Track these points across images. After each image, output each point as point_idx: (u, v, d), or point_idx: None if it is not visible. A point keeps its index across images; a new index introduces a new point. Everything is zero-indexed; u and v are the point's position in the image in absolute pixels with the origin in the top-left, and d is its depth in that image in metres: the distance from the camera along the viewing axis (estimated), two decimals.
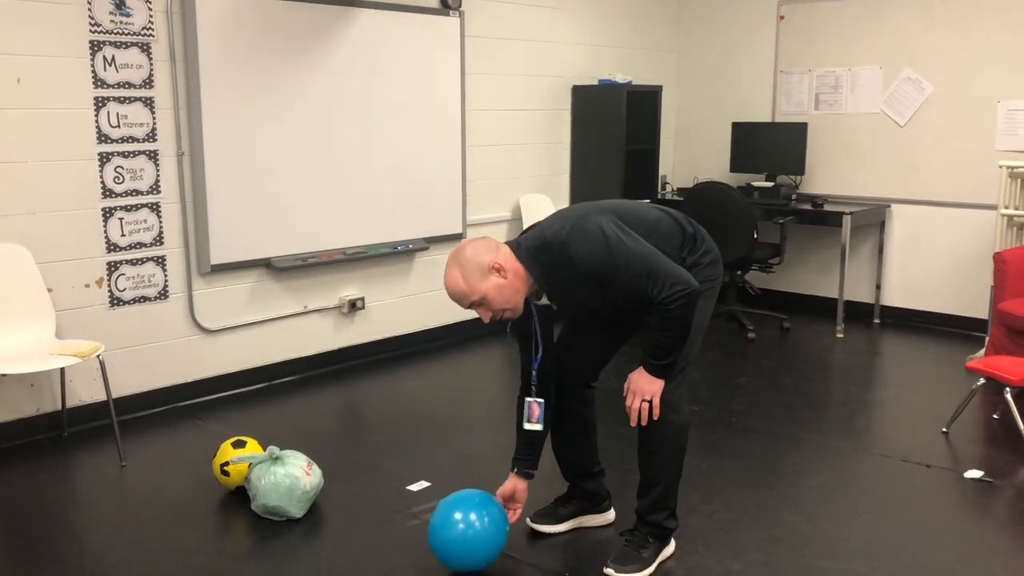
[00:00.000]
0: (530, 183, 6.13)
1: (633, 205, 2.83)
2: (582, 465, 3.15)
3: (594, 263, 2.58)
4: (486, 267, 2.61)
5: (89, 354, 3.70)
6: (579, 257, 2.59)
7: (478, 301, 2.62)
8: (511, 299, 2.65)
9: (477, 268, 2.60)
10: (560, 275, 2.65)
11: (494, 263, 2.62)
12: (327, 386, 4.82)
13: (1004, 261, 4.86)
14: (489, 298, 2.61)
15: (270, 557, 2.98)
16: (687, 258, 2.80)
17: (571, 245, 2.60)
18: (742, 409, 4.43)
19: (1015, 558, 2.99)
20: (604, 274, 2.59)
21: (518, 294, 2.66)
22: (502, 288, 2.62)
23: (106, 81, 4.05)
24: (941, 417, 4.28)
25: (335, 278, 5.08)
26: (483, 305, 2.63)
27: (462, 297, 2.62)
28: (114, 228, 4.16)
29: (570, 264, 2.61)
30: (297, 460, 3.30)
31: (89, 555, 2.99)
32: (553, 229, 2.67)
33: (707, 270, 2.83)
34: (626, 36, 6.67)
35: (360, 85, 4.97)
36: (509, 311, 2.67)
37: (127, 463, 3.76)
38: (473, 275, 2.60)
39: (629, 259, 2.57)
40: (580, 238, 2.60)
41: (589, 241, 2.59)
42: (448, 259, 2.66)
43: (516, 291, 2.65)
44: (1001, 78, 5.68)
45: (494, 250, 2.66)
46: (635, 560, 2.85)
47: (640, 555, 2.86)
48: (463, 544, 2.78)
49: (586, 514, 3.19)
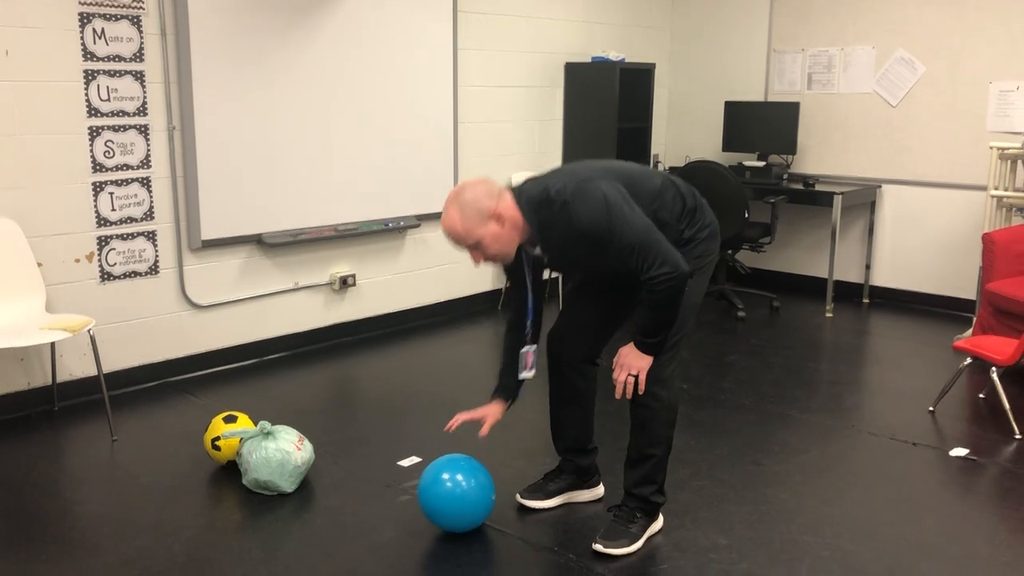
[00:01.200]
0: (522, 160, 6.12)
1: (639, 172, 2.81)
2: (577, 441, 3.16)
3: (592, 227, 2.58)
4: (486, 213, 2.59)
5: (79, 328, 3.69)
6: (578, 219, 2.59)
7: (472, 245, 2.62)
8: (505, 248, 2.66)
9: (476, 213, 2.59)
10: (557, 232, 2.66)
11: (495, 211, 2.60)
12: (318, 362, 4.82)
13: (993, 242, 4.89)
14: (484, 244, 2.62)
15: (261, 531, 3.00)
16: (685, 231, 2.80)
17: (572, 205, 2.59)
18: (731, 387, 4.45)
19: (997, 534, 3.03)
20: (600, 239, 2.59)
21: (513, 244, 2.68)
22: (499, 236, 2.63)
23: (96, 54, 4.02)
24: (928, 396, 4.32)
25: (326, 255, 5.07)
26: (477, 249, 2.64)
27: (457, 239, 2.62)
28: (104, 203, 4.15)
29: (568, 223, 2.61)
30: (288, 435, 3.31)
31: (80, 529, 3.00)
32: (557, 186, 2.66)
33: (704, 244, 2.84)
34: (620, 13, 6.65)
35: (352, 60, 4.95)
36: (500, 257, 2.69)
37: (118, 437, 3.76)
38: (471, 219, 2.59)
39: (624, 230, 2.57)
40: (582, 200, 2.59)
41: (590, 205, 2.58)
42: (448, 198, 2.63)
43: (511, 241, 2.66)
44: (993, 59, 5.69)
45: (495, 196, 2.63)
46: (623, 535, 2.88)
47: (628, 530, 2.89)
48: (453, 499, 2.87)
49: (576, 489, 3.22)
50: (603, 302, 3.02)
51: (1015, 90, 5.63)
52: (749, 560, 2.84)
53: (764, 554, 2.88)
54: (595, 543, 2.87)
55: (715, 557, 2.86)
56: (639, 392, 2.76)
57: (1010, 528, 3.08)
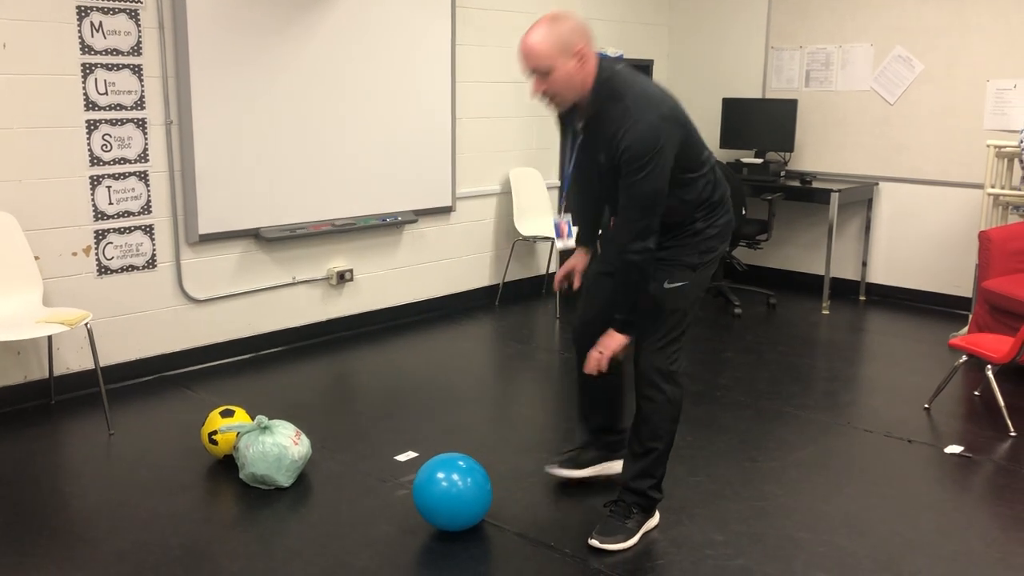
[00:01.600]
0: (520, 156, 6.12)
1: (698, 138, 2.80)
2: (606, 425, 3.21)
3: (628, 147, 2.56)
4: (572, 48, 2.55)
5: (77, 322, 3.69)
6: (627, 132, 2.56)
7: (543, 70, 2.57)
8: (568, 92, 2.62)
9: (564, 43, 2.55)
10: (603, 123, 2.63)
11: (581, 50, 2.57)
12: (315, 357, 4.83)
13: (989, 240, 4.90)
14: (554, 77, 2.57)
15: (258, 525, 3.01)
16: (697, 222, 2.80)
17: (635, 115, 2.56)
18: (728, 383, 4.46)
19: (991, 531, 3.05)
20: (624, 164, 2.58)
21: (575, 93, 2.63)
22: (571, 77, 2.59)
23: (93, 48, 4.01)
24: (923, 393, 4.33)
25: (324, 249, 5.07)
26: (543, 78, 2.59)
27: (532, 59, 2.57)
28: (102, 196, 4.14)
29: (616, 127, 2.58)
30: (285, 430, 3.31)
31: (77, 523, 3.01)
32: (644, 92, 2.62)
33: (710, 242, 2.83)
34: (618, 9, 6.64)
35: (351, 55, 4.94)
36: (557, 99, 2.65)
37: (115, 431, 3.77)
38: (556, 46, 2.54)
39: (645, 180, 2.57)
40: (643, 124, 2.56)
41: (644, 135, 2.55)
42: (545, 17, 2.58)
43: (574, 89, 2.62)
44: (991, 57, 5.70)
45: (587, 40, 2.59)
46: (619, 531, 2.89)
47: (624, 525, 2.90)
48: (449, 500, 2.87)
49: (607, 461, 3.24)
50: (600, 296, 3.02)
51: (1012, 88, 5.64)
52: (745, 556, 2.85)
53: (760, 550, 2.89)
54: (591, 538, 2.88)
55: (711, 553, 2.87)
56: (601, 370, 2.75)
57: (1004, 525, 3.09)
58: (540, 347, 5.09)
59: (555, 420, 4.02)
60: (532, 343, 5.16)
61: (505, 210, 6.05)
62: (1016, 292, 4.54)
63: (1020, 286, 4.60)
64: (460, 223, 5.79)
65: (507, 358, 4.93)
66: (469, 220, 5.85)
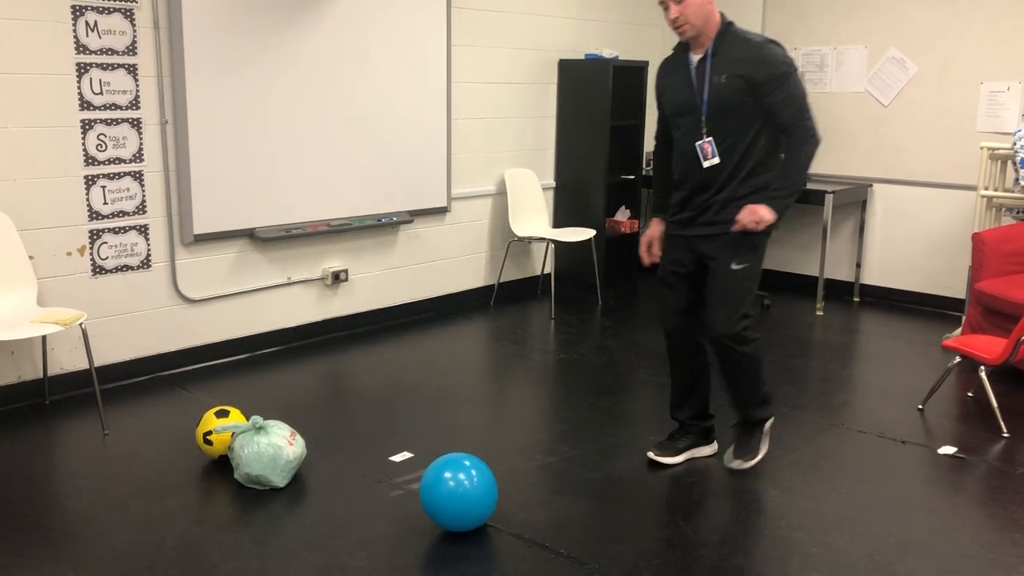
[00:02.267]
0: (515, 157, 6.12)
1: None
2: (697, 414, 3.59)
3: (774, 64, 3.14)
4: None
5: (71, 322, 3.69)
6: (768, 52, 3.16)
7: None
8: (696, 19, 3.17)
9: None
10: (734, 56, 3.18)
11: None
12: (310, 357, 4.82)
13: (982, 241, 4.92)
14: (688, 2, 3.14)
15: (252, 525, 3.01)
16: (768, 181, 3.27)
17: (767, 45, 3.19)
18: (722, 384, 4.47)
19: (985, 531, 3.06)
20: (767, 81, 3.14)
21: (700, 22, 3.18)
22: (702, 6, 3.16)
23: (88, 47, 4.01)
24: (917, 394, 4.34)
25: (319, 250, 5.07)
26: (679, 4, 3.14)
27: None
28: (96, 196, 4.14)
29: (754, 53, 3.17)
30: (280, 430, 3.31)
31: (72, 523, 3.00)
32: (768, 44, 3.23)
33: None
34: (613, 10, 6.65)
35: (346, 55, 4.94)
36: (687, 27, 3.18)
37: (109, 432, 3.76)
38: None
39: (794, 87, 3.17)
40: (778, 48, 3.21)
41: (781, 55, 3.18)
42: None
43: (701, 19, 3.18)
44: (984, 60, 5.72)
45: None
46: (747, 450, 3.46)
47: (750, 442, 3.47)
48: (456, 498, 2.89)
49: (698, 446, 3.61)
50: (689, 283, 3.43)
51: (1005, 91, 5.66)
52: (740, 556, 2.86)
53: (754, 550, 2.90)
54: (731, 463, 3.46)
55: (706, 553, 2.88)
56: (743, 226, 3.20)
57: (997, 526, 3.10)
58: (535, 348, 5.10)
59: (550, 421, 4.02)
60: (527, 344, 5.16)
61: (500, 211, 6.06)
62: (1009, 294, 4.56)
63: (1013, 288, 4.61)
64: (455, 224, 5.80)
65: (502, 359, 4.94)
66: (464, 221, 5.86)
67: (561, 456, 3.59)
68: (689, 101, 3.28)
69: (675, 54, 3.38)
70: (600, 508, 3.16)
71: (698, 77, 3.24)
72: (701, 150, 3.26)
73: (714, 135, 3.24)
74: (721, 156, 3.24)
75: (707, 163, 3.25)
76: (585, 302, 6.07)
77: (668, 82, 3.39)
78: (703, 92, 3.23)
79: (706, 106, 3.23)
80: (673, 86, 3.35)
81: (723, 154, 3.24)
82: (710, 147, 3.25)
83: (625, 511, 3.15)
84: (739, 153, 3.24)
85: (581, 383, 4.49)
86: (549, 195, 6.40)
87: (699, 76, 3.24)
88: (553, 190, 6.43)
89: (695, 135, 3.28)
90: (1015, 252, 4.92)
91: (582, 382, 4.51)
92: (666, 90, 3.40)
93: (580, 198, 6.32)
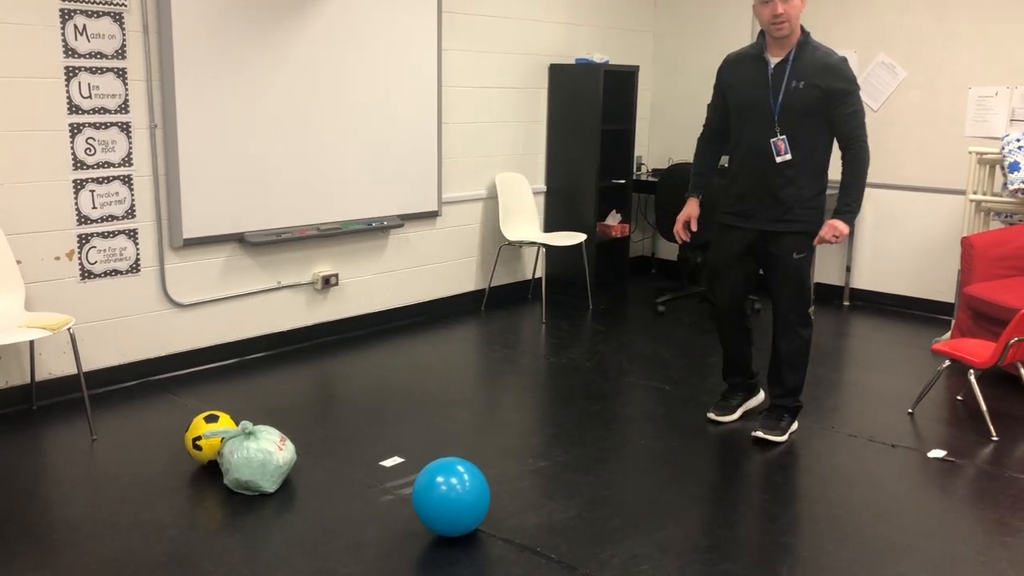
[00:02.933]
0: (506, 161, 6.13)
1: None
2: (745, 377, 4.08)
3: (844, 78, 3.51)
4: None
5: (59, 327, 3.67)
6: (839, 66, 3.51)
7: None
8: (794, 20, 3.50)
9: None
10: (812, 65, 3.52)
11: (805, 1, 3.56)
12: (300, 362, 4.81)
13: (971, 246, 4.94)
14: (792, 3, 3.45)
15: (242, 531, 2.99)
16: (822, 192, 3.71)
17: (839, 59, 3.54)
18: (712, 388, 4.47)
19: (975, 534, 3.07)
20: (838, 92, 3.50)
21: (794, 23, 3.52)
22: (799, 9, 3.50)
23: (77, 51, 3.99)
24: (907, 398, 4.36)
25: (309, 254, 5.06)
26: (787, 2, 3.44)
27: None
28: (85, 200, 4.12)
29: (828, 64, 3.51)
30: (270, 435, 3.30)
31: (60, 529, 2.98)
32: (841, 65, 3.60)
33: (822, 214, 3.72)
34: (603, 15, 6.66)
35: (336, 59, 4.93)
36: (786, 25, 3.49)
37: (98, 437, 3.74)
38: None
39: (858, 102, 3.57)
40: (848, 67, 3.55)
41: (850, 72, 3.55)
42: None
43: (796, 21, 3.52)
44: (972, 65, 5.75)
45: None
46: (776, 428, 3.79)
47: (779, 424, 3.81)
48: (449, 503, 2.88)
49: (749, 400, 4.12)
50: (740, 269, 3.85)
51: (993, 96, 5.69)
52: (730, 561, 2.86)
53: (745, 555, 2.90)
54: (755, 431, 3.79)
55: (696, 558, 2.88)
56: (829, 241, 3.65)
57: (987, 529, 3.11)
58: (526, 352, 5.09)
59: (541, 425, 4.02)
60: (518, 348, 5.16)
61: (491, 215, 6.05)
62: (998, 297, 4.58)
63: (1002, 291, 4.63)
64: (446, 228, 5.79)
65: (493, 363, 4.93)
66: (455, 225, 5.85)
67: (552, 460, 3.59)
68: (763, 99, 3.58)
69: (746, 53, 3.70)
70: (591, 512, 3.16)
71: (775, 78, 3.56)
72: (775, 147, 3.57)
73: (785, 135, 3.57)
74: (791, 154, 3.58)
75: (780, 159, 3.58)
76: (576, 306, 6.07)
77: (740, 79, 3.67)
78: (779, 93, 3.55)
79: (780, 107, 3.55)
80: (746, 83, 3.64)
81: (792, 153, 3.57)
82: (783, 144, 3.57)
83: (616, 515, 3.14)
84: (806, 155, 3.59)
85: (572, 387, 4.49)
86: (540, 199, 6.40)
87: (776, 77, 3.56)
88: (544, 194, 6.43)
89: (768, 132, 3.59)
90: (1004, 256, 4.94)
91: (573, 386, 4.51)
92: (738, 86, 3.68)
93: (571, 202, 6.33)
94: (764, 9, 3.50)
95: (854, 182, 3.60)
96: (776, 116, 3.55)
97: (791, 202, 3.64)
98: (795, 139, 3.58)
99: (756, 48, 3.66)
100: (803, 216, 3.66)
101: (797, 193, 3.63)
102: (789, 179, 3.62)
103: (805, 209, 3.66)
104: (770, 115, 3.57)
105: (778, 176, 3.62)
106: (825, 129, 3.60)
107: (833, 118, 3.56)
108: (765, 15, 3.50)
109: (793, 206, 3.64)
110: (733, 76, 3.73)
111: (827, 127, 3.59)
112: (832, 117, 3.55)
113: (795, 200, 3.63)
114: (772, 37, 3.57)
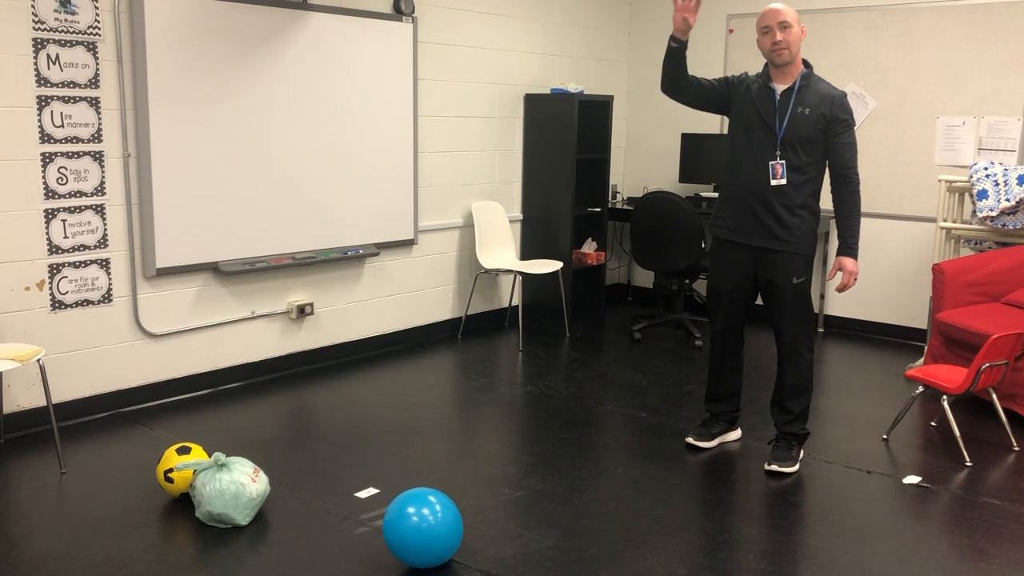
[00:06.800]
0: (482, 190, 6.15)
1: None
2: (729, 408, 4.11)
3: (843, 110, 3.66)
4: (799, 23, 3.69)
5: (28, 358, 3.61)
6: (839, 100, 3.67)
7: (788, 23, 3.62)
8: (793, 47, 3.65)
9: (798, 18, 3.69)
10: (815, 95, 3.68)
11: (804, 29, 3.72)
12: (274, 392, 4.77)
13: (942, 272, 5.00)
14: (791, 31, 3.62)
15: (214, 565, 2.94)
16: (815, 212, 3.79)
17: (838, 93, 3.70)
18: (689, 416, 4.48)
19: (950, 560, 3.08)
20: (838, 123, 3.66)
21: (794, 51, 3.66)
22: (798, 39, 3.65)
23: (50, 80, 3.97)
24: (881, 424, 4.38)
25: (283, 283, 5.03)
26: (785, 31, 3.61)
27: (784, 14, 3.63)
28: (56, 230, 4.08)
29: (829, 95, 3.67)
30: (243, 467, 3.26)
31: (25, 565, 2.92)
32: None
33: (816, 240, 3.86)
34: (578, 46, 6.73)
35: (312, 89, 4.94)
36: (785, 52, 3.64)
37: (67, 470, 3.67)
38: (795, 18, 3.66)
39: (853, 136, 3.71)
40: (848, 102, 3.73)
41: (849, 106, 3.70)
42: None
43: (795, 49, 3.66)
44: (939, 95, 5.85)
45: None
46: (788, 459, 3.84)
47: (791, 454, 3.85)
48: (420, 534, 2.84)
49: (727, 433, 4.15)
50: (743, 294, 3.93)
51: (961, 125, 5.79)
52: None
53: None
54: (769, 464, 3.80)
55: None
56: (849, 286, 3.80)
57: (962, 555, 3.12)
58: (503, 380, 5.08)
59: (518, 454, 4.00)
60: (495, 376, 5.14)
61: (467, 243, 6.06)
62: (969, 324, 4.62)
63: (973, 318, 4.69)
64: (422, 256, 5.79)
65: (469, 392, 4.91)
66: (431, 253, 5.85)
67: (529, 490, 3.57)
68: (769, 122, 3.71)
69: (754, 79, 3.82)
70: (568, 542, 3.14)
71: (782, 103, 3.70)
72: (772, 169, 3.70)
73: (785, 159, 3.69)
74: (788, 178, 3.69)
75: (775, 182, 3.70)
76: (553, 334, 6.07)
77: (747, 98, 3.79)
78: (784, 117, 3.69)
79: (784, 131, 3.68)
80: (752, 104, 3.76)
81: (789, 176, 3.69)
82: (781, 168, 3.69)
83: (593, 544, 3.13)
84: (801, 179, 3.70)
85: (549, 415, 4.48)
86: (516, 227, 6.42)
87: (783, 103, 3.70)
88: (520, 222, 6.45)
89: (768, 154, 3.71)
90: (974, 283, 5.00)
91: (550, 414, 4.49)
92: (744, 104, 3.79)
93: (547, 230, 6.35)
94: (765, 39, 3.67)
95: (854, 215, 3.73)
96: (779, 139, 3.67)
97: (785, 223, 3.73)
98: (793, 164, 3.69)
99: (763, 77, 3.78)
100: (798, 237, 3.75)
101: (791, 217, 3.72)
102: (784, 203, 3.72)
103: (799, 232, 3.75)
104: (773, 138, 3.69)
105: (773, 198, 3.72)
106: (822, 157, 3.73)
107: (831, 146, 3.69)
108: (766, 44, 3.67)
109: (788, 226, 3.73)
110: (742, 93, 3.82)
111: (823, 155, 3.72)
112: (830, 144, 3.69)
113: (789, 222, 3.73)
114: (775, 66, 3.71)
